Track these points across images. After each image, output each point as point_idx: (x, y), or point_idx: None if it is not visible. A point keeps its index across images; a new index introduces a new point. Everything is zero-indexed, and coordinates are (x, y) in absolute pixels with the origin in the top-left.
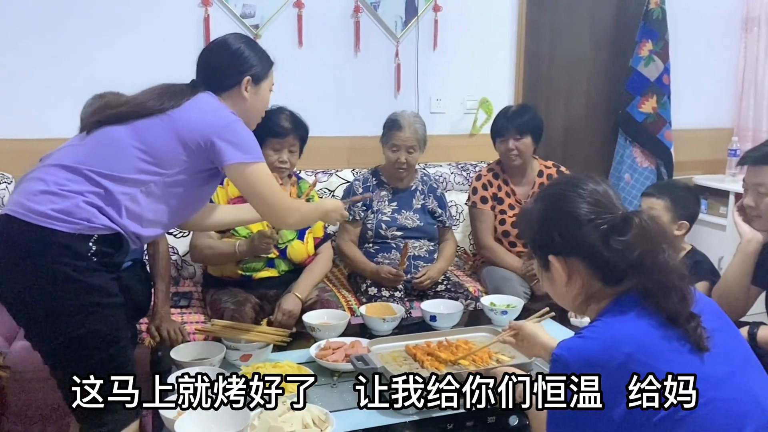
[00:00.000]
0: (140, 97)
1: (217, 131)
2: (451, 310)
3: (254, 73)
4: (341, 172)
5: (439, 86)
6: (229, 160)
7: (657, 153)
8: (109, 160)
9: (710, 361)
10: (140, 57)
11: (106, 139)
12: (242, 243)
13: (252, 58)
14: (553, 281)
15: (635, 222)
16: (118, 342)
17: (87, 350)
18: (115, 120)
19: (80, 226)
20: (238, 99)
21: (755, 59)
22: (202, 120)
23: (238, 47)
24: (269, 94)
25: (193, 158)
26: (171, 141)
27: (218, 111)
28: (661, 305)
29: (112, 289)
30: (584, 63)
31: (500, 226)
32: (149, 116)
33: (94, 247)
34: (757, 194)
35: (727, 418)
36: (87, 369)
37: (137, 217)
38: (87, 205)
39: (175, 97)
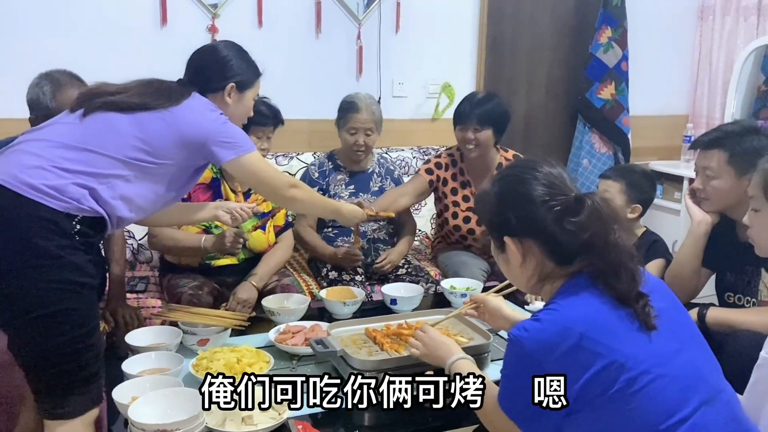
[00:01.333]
0: (137, 90)
1: (213, 135)
2: (411, 294)
3: (239, 81)
4: (302, 155)
5: (401, 70)
6: (223, 160)
7: (615, 139)
8: (108, 143)
9: (658, 339)
10: (91, 36)
11: (106, 123)
12: (209, 239)
13: (238, 67)
14: (508, 262)
15: (587, 204)
16: (90, 322)
17: (58, 328)
18: (117, 107)
19: (69, 205)
20: (220, 103)
21: (710, 48)
22: (199, 122)
23: (227, 54)
24: (252, 103)
25: (187, 154)
26: (170, 136)
27: (211, 112)
28: (611, 285)
29: (90, 270)
30: (545, 49)
31: (453, 219)
32: (150, 110)
33: (78, 227)
34: (705, 177)
35: (674, 391)
36: (56, 348)
37: (127, 200)
38: (78, 186)
39: (173, 95)
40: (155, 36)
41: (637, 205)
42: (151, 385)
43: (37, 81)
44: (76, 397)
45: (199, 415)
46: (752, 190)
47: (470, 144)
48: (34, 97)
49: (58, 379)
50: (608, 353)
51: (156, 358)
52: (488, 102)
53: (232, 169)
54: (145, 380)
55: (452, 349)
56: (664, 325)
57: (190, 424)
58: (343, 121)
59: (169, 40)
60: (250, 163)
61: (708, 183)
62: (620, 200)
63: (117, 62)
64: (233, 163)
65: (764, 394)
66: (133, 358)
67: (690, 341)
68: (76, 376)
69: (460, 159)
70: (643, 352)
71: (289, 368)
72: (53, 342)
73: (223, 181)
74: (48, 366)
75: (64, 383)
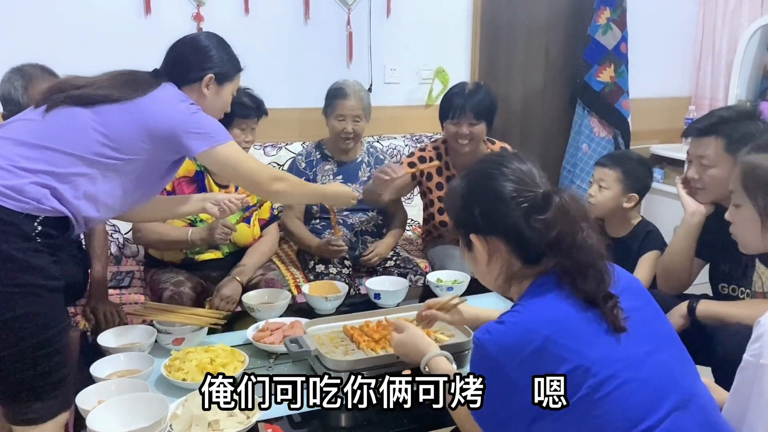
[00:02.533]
0: (104, 82)
1: (181, 125)
2: (396, 287)
3: (218, 73)
4: (291, 145)
5: (393, 56)
6: (196, 151)
7: (614, 123)
8: (70, 140)
9: (627, 341)
10: (73, 26)
11: (68, 119)
12: (196, 231)
13: (218, 58)
14: (475, 261)
15: (555, 201)
16: (53, 326)
17: (19, 332)
18: (80, 102)
19: (29, 206)
20: (197, 95)
21: (713, 27)
22: (167, 113)
23: (207, 45)
24: (230, 97)
25: (157, 147)
26: (135, 129)
27: (181, 103)
28: (578, 286)
29: (54, 272)
30: (542, 31)
31: (439, 215)
32: (115, 103)
33: (39, 228)
34: (701, 166)
35: (644, 396)
36: (18, 353)
37: (93, 199)
38: (38, 185)
39: (141, 86)
40: (139, 25)
41: (634, 194)
42: (117, 388)
43: (9, 76)
44: (43, 402)
45: (161, 421)
46: (732, 185)
47: (464, 139)
48: (5, 92)
49: (22, 385)
50: (573, 357)
51: (125, 360)
52: (479, 93)
53: (207, 162)
54: (111, 384)
55: (428, 345)
56: (634, 326)
57: (152, 430)
58: (331, 108)
59: (153, 29)
60: (226, 154)
61: (704, 172)
62: (617, 189)
63: (100, 52)
64: (207, 155)
65: (747, 398)
66: (103, 359)
67: (663, 342)
68: (42, 382)
69: (446, 152)
70: (611, 356)
71: (265, 367)
72: (14, 348)
73: (206, 174)
74: (11, 372)
75: (28, 389)
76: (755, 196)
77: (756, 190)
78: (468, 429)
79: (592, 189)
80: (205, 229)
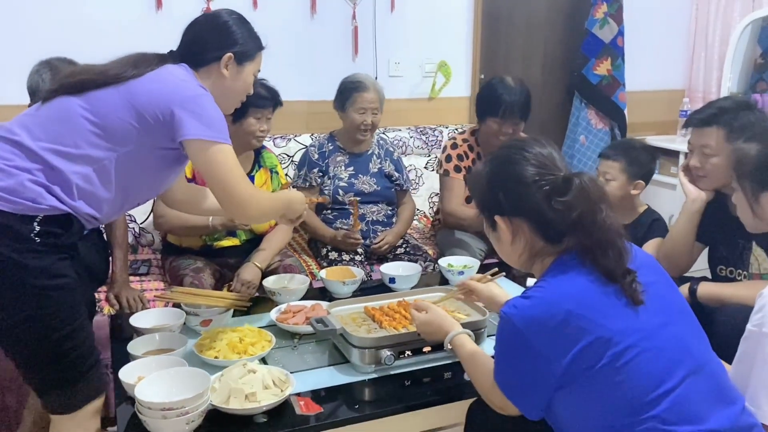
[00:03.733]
0: (105, 65)
1: (178, 101)
2: (409, 272)
3: (238, 51)
4: (299, 137)
5: (397, 49)
6: (188, 134)
7: (611, 115)
8: (60, 134)
9: (645, 313)
10: (86, 21)
11: (59, 111)
12: (217, 217)
13: (239, 35)
14: (499, 240)
15: (575, 183)
16: (69, 323)
17: (35, 334)
18: (72, 89)
19: (23, 206)
20: (216, 76)
21: (706, 21)
22: (162, 90)
23: (227, 20)
24: (252, 78)
25: (150, 133)
26: (126, 113)
27: (184, 83)
28: (598, 262)
29: (60, 270)
30: (541, 25)
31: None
32: (106, 86)
33: (38, 228)
34: (703, 155)
35: (660, 364)
36: (37, 352)
37: (91, 197)
38: (33, 183)
39: (140, 66)
40: (151, 19)
41: (640, 181)
42: (157, 365)
43: (37, 68)
44: (74, 391)
45: (204, 392)
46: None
47: (505, 137)
48: (34, 84)
49: (48, 379)
50: (595, 329)
51: (160, 339)
52: (524, 93)
53: (193, 151)
54: (151, 360)
55: (452, 324)
56: (651, 299)
57: (196, 401)
58: (351, 101)
59: (164, 23)
60: (218, 155)
61: (707, 161)
62: (622, 179)
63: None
64: (198, 144)
65: (751, 364)
66: (138, 339)
67: (677, 315)
68: (69, 374)
69: (476, 143)
70: (630, 327)
71: (290, 347)
72: (32, 348)
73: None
74: (36, 369)
75: (56, 382)
76: (744, 183)
77: (744, 177)
78: (495, 401)
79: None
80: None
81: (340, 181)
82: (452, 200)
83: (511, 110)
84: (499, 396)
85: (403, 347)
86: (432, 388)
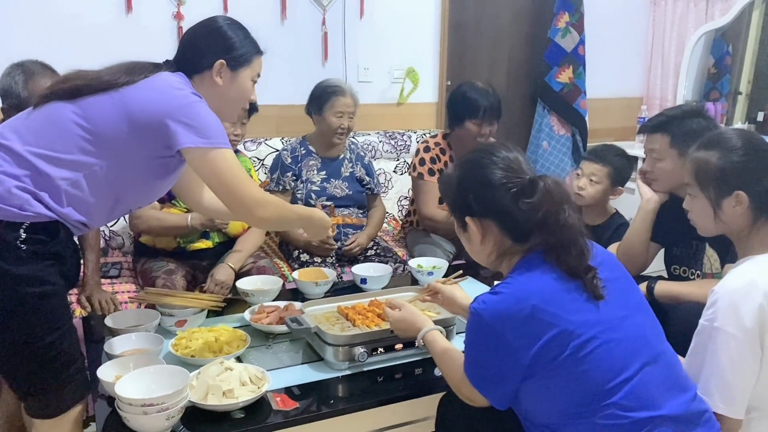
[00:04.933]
0: (98, 71)
1: (170, 112)
2: (380, 273)
3: (231, 57)
4: (270, 140)
5: (366, 55)
6: (184, 144)
7: (573, 121)
8: (50, 140)
9: (605, 307)
10: (56, 25)
11: (51, 117)
12: (196, 216)
13: (232, 41)
14: (470, 240)
15: (540, 186)
16: (56, 330)
17: (21, 341)
18: (65, 95)
19: (9, 213)
20: (209, 84)
21: (662, 32)
22: (154, 99)
23: (221, 26)
24: (251, 84)
25: (143, 141)
26: (118, 120)
27: (176, 90)
28: (562, 260)
29: (46, 277)
30: (506, 34)
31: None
32: (100, 92)
33: (24, 235)
34: (652, 159)
35: (621, 353)
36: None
37: (81, 203)
38: (20, 190)
39: (133, 73)
40: (120, 23)
41: (620, 188)
42: (134, 364)
43: (9, 70)
44: (58, 396)
45: (183, 389)
46: (686, 178)
47: (483, 138)
48: (6, 86)
49: (34, 383)
50: (559, 322)
51: (136, 339)
52: (497, 96)
53: (193, 160)
54: (128, 359)
55: (425, 321)
56: (611, 294)
57: (175, 398)
58: (329, 105)
59: (134, 27)
60: (218, 162)
61: (655, 165)
62: (607, 183)
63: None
64: (196, 153)
65: (703, 356)
66: (114, 339)
67: (635, 308)
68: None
69: (449, 147)
70: (591, 320)
71: (265, 346)
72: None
73: None
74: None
75: (41, 387)
76: (707, 189)
77: (707, 184)
78: (465, 393)
79: (581, 182)
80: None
81: (313, 185)
82: (429, 203)
83: (491, 111)
84: (469, 388)
85: (375, 344)
86: (404, 383)
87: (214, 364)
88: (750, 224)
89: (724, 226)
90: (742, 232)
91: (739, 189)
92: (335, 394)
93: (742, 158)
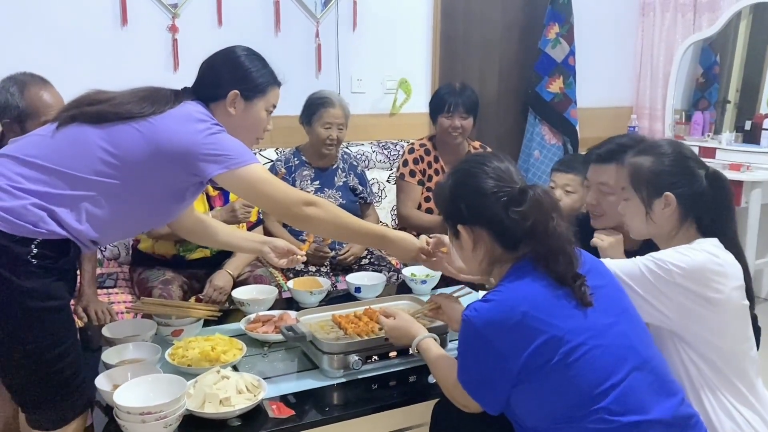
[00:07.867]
0: (122, 97)
1: (195, 148)
2: (374, 282)
3: (245, 88)
4: (264, 151)
5: (359, 66)
6: (212, 174)
7: (564, 130)
8: (74, 160)
9: (593, 314)
10: (51, 38)
11: (75, 139)
12: (216, 214)
13: (248, 72)
14: (462, 248)
15: (530, 195)
16: (63, 343)
17: (28, 354)
18: (90, 119)
19: (23, 229)
20: (223, 113)
21: (651, 42)
22: (178, 133)
23: (237, 57)
24: (264, 114)
25: (169, 170)
26: (145, 148)
27: (199, 123)
28: (550, 268)
29: (55, 292)
30: (496, 45)
31: (425, 203)
32: (125, 120)
33: (36, 251)
34: (600, 193)
35: (608, 359)
36: (31, 371)
37: (99, 222)
38: (36, 208)
39: (158, 102)
40: (116, 36)
41: None
42: (132, 373)
43: (4, 84)
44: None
45: (181, 397)
46: (623, 182)
47: (456, 131)
48: (2, 100)
49: (38, 396)
50: (548, 329)
51: (134, 349)
52: (467, 91)
53: (227, 185)
54: (126, 369)
55: (419, 329)
56: (599, 301)
57: (173, 406)
58: (317, 116)
59: (129, 40)
60: (247, 177)
61: (604, 198)
62: (582, 193)
63: (78, 63)
64: (224, 178)
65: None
66: (112, 349)
67: (623, 315)
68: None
69: (433, 147)
70: (580, 326)
71: (260, 354)
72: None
73: None
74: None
75: (44, 400)
76: (640, 190)
77: (640, 185)
78: (458, 399)
79: (556, 194)
80: (226, 210)
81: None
82: (406, 203)
83: (456, 105)
84: (462, 394)
85: (370, 352)
86: (398, 390)
87: (211, 372)
88: (677, 227)
89: (654, 226)
90: (669, 234)
91: (667, 191)
92: (330, 401)
93: (672, 163)
